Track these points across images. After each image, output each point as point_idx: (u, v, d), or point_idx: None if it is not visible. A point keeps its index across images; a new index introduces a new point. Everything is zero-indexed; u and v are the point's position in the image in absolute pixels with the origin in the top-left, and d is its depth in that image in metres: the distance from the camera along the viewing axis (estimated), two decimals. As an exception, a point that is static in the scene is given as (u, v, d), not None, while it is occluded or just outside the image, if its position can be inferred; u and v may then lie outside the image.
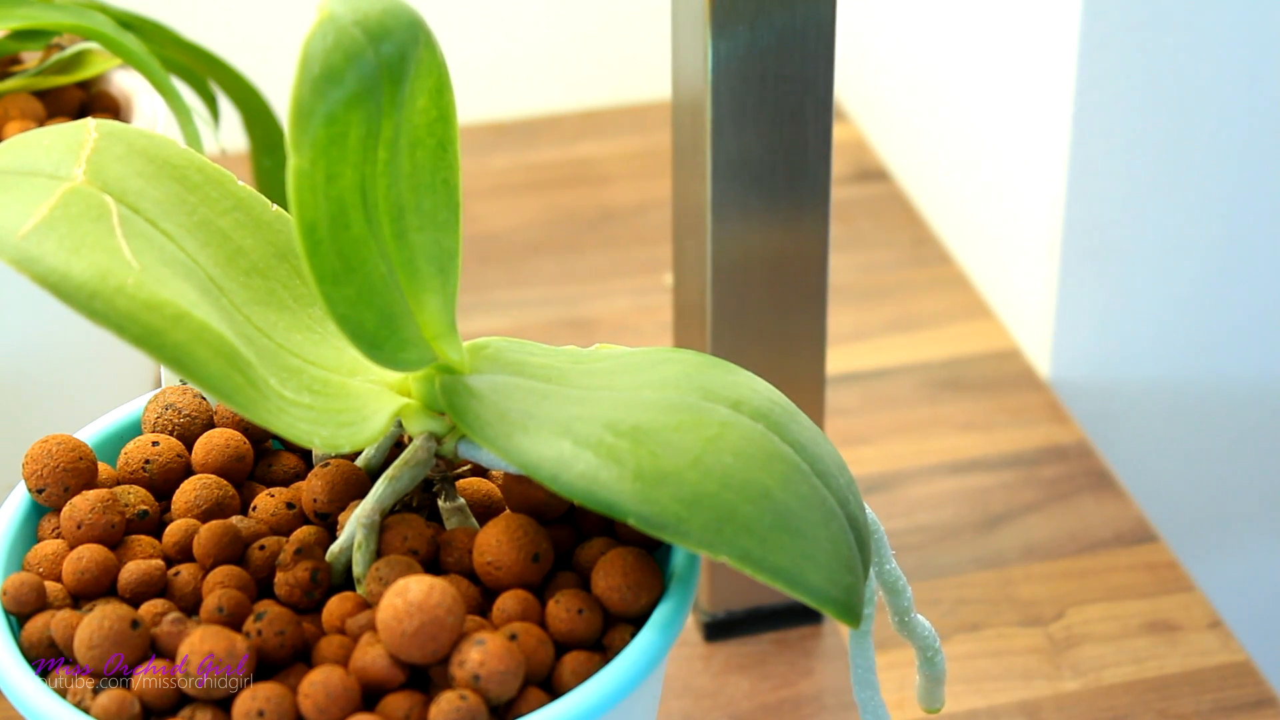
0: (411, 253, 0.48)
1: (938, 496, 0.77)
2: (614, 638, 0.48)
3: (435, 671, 0.46)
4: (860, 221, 0.94)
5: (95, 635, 0.46)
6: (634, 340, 0.86)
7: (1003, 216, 0.86)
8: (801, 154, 0.63)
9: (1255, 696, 0.68)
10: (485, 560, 0.48)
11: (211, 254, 0.50)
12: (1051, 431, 0.81)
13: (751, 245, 0.64)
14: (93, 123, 0.50)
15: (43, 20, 0.69)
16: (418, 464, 0.50)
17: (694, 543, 0.45)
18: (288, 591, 0.48)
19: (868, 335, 0.87)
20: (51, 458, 0.51)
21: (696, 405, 0.48)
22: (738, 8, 0.60)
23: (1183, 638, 0.71)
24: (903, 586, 0.52)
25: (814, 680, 0.69)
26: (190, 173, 0.51)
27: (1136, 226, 0.81)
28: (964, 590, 0.73)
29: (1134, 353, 0.84)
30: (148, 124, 0.71)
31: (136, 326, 0.44)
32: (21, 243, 0.45)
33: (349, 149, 0.45)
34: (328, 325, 0.51)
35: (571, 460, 0.46)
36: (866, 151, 1.00)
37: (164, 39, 0.75)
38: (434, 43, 0.48)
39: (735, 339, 0.65)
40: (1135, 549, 0.75)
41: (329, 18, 0.44)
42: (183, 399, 0.54)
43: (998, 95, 0.85)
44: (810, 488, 0.48)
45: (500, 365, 0.50)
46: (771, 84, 0.61)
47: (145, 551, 0.50)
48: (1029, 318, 0.85)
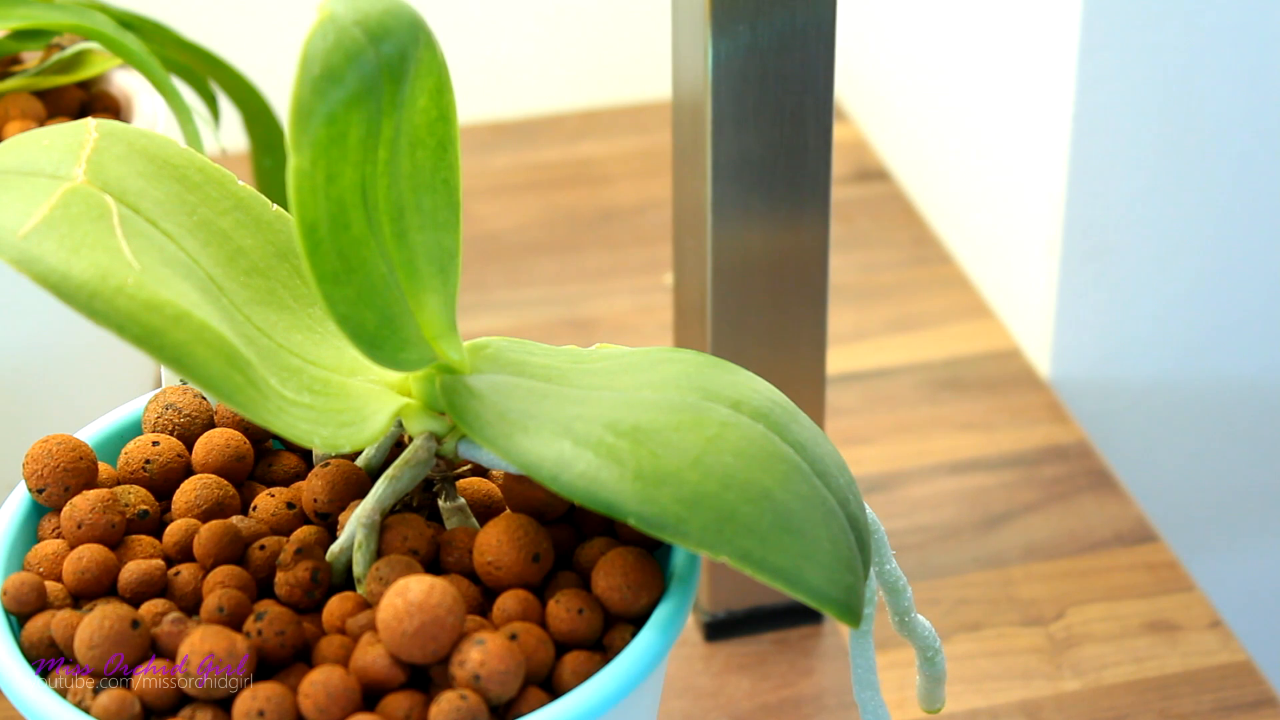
0: (412, 253, 0.48)
1: (938, 496, 0.77)
2: (614, 638, 0.48)
3: (435, 671, 0.46)
4: (860, 221, 0.94)
5: (95, 635, 0.46)
6: (634, 340, 0.86)
7: (1003, 216, 0.86)
8: (801, 154, 0.63)
9: (1255, 696, 0.68)
10: (485, 560, 0.48)
11: (212, 254, 0.50)
12: (1051, 431, 0.81)
13: (751, 245, 0.64)
14: (93, 122, 0.50)
15: (43, 20, 0.69)
16: (418, 464, 0.50)
17: (694, 543, 0.45)
18: (288, 591, 0.48)
19: (868, 335, 0.87)
20: (52, 458, 0.51)
21: (697, 405, 0.48)
22: (738, 8, 0.60)
23: (1183, 638, 0.71)
24: (903, 586, 0.52)
25: (814, 680, 0.69)
26: (190, 172, 0.51)
27: (1136, 226, 0.81)
28: (964, 590, 0.73)
29: (1134, 353, 0.84)
30: (148, 124, 0.71)
31: (137, 326, 0.44)
32: (22, 243, 0.45)
33: (349, 149, 0.45)
34: (328, 325, 0.51)
35: (572, 460, 0.46)
36: (866, 151, 1.00)
37: (164, 39, 0.75)
38: (434, 42, 0.48)
39: (735, 339, 0.65)
40: (1135, 549, 0.75)
41: (329, 17, 0.44)
42: (183, 399, 0.54)
43: (998, 95, 0.85)
44: (810, 488, 0.48)
45: (500, 365, 0.50)
46: (771, 84, 0.61)
47: (145, 551, 0.50)
48: (1029, 318, 0.85)
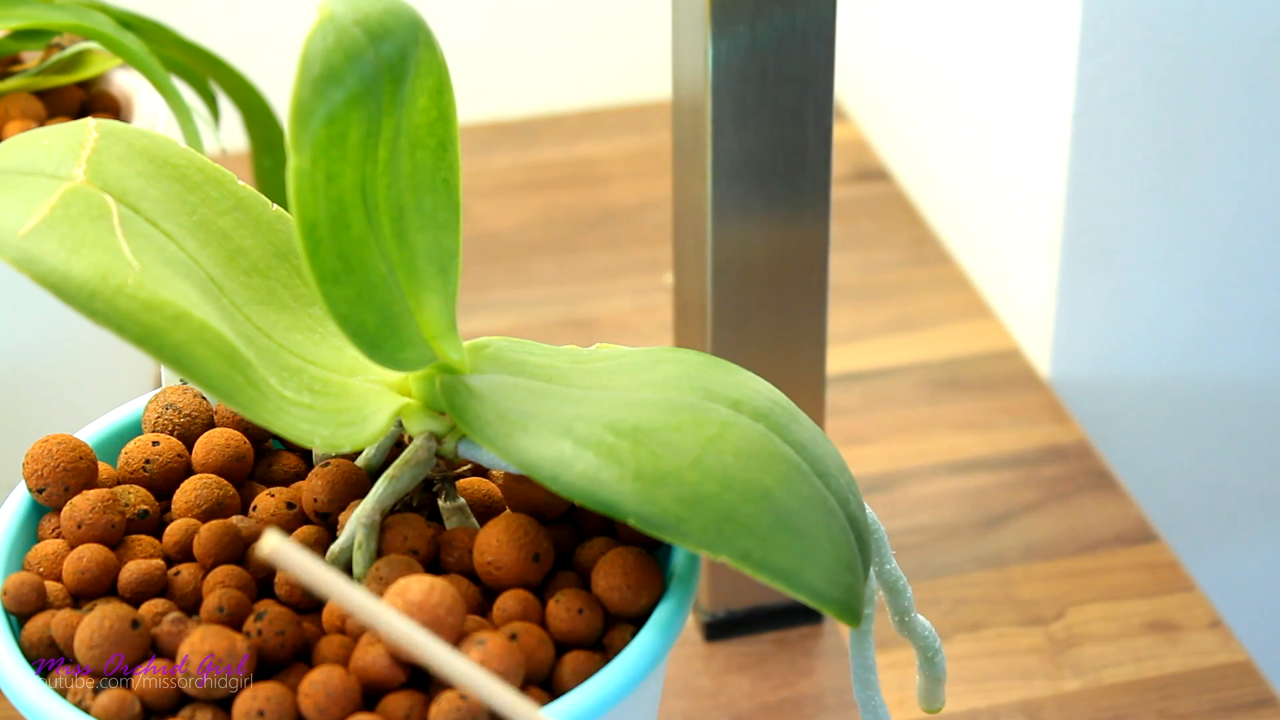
0: (412, 252, 0.48)
1: (938, 496, 0.77)
2: (614, 638, 0.48)
3: (436, 671, 0.46)
4: (860, 221, 0.94)
5: (95, 635, 0.46)
6: (634, 340, 0.86)
7: (1003, 216, 0.86)
8: (801, 154, 0.63)
9: (1255, 696, 0.68)
10: (485, 560, 0.48)
11: (212, 254, 0.50)
12: (1051, 431, 0.81)
13: (751, 245, 0.64)
14: (93, 122, 0.50)
15: (43, 20, 0.69)
16: (418, 464, 0.50)
17: (694, 543, 0.45)
18: (288, 591, 0.48)
19: (868, 335, 0.87)
20: (52, 457, 0.51)
21: (697, 405, 0.48)
22: (738, 8, 0.60)
23: (1183, 638, 0.71)
24: (903, 586, 0.52)
25: (814, 680, 0.69)
26: (190, 172, 0.51)
27: (1136, 226, 0.81)
28: (964, 590, 0.73)
29: (1134, 353, 0.84)
30: (148, 124, 0.71)
31: (137, 326, 0.44)
32: (22, 243, 0.45)
33: (349, 149, 0.45)
34: (328, 325, 0.51)
35: (572, 460, 0.46)
36: (866, 151, 1.00)
37: (164, 39, 0.75)
38: (434, 42, 0.48)
39: (735, 339, 0.65)
40: (1135, 549, 0.75)
41: (329, 17, 0.44)
42: (183, 399, 0.54)
43: (998, 95, 0.85)
44: (810, 488, 0.48)
45: (500, 365, 0.50)
46: (771, 84, 0.61)
47: (145, 551, 0.50)
48: (1029, 318, 0.85)
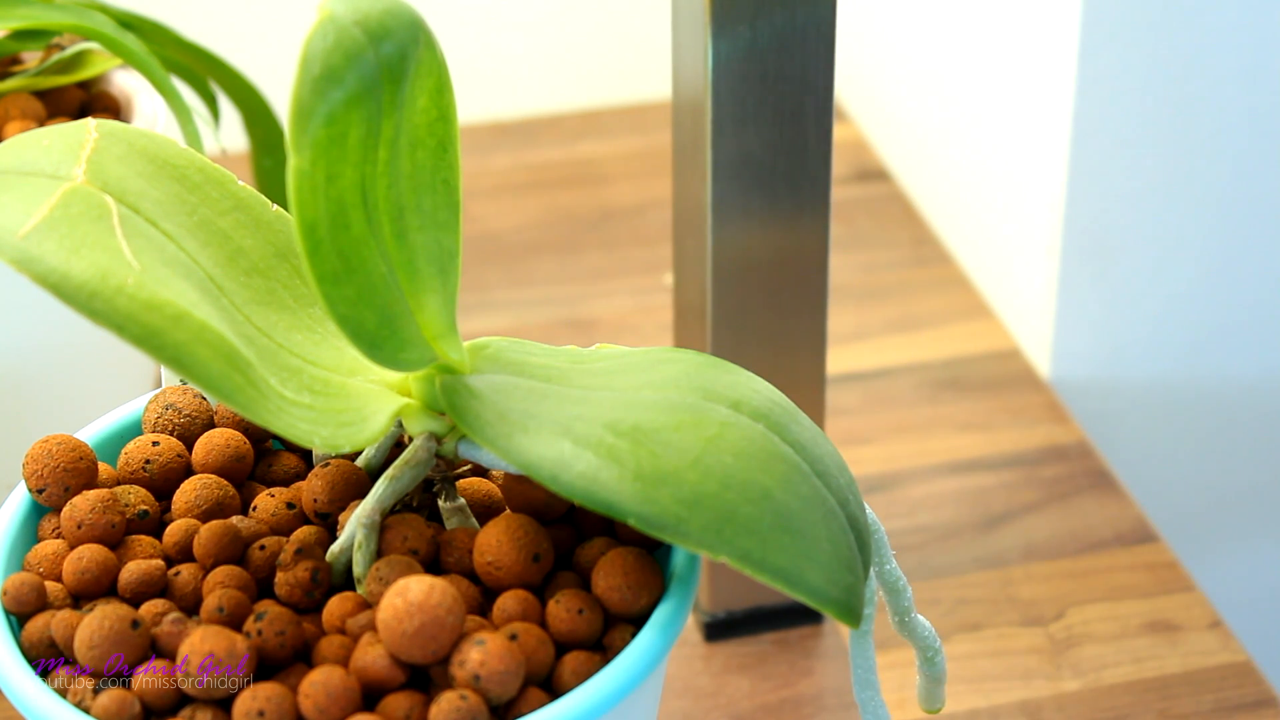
0: (412, 253, 0.48)
1: (938, 496, 0.77)
2: (614, 638, 0.48)
3: (435, 671, 0.46)
4: (860, 221, 0.94)
5: (95, 635, 0.46)
6: (634, 340, 0.86)
7: (1003, 216, 0.86)
8: (801, 154, 0.63)
9: (1255, 696, 0.68)
10: (485, 560, 0.48)
11: (212, 254, 0.50)
12: (1051, 431, 0.81)
13: (751, 245, 0.64)
14: (93, 123, 0.50)
15: (43, 20, 0.69)
16: (418, 464, 0.50)
17: (694, 543, 0.45)
18: (288, 591, 0.48)
19: (868, 335, 0.87)
20: (52, 458, 0.51)
21: (697, 405, 0.48)
22: (738, 8, 0.60)
23: (1183, 638, 0.71)
24: (903, 586, 0.52)
25: (814, 680, 0.69)
26: (190, 173, 0.51)
27: (1136, 226, 0.81)
28: (964, 590, 0.73)
29: (1134, 353, 0.84)
30: (148, 124, 0.71)
31: (136, 326, 0.44)
32: (22, 243, 0.45)
33: (349, 149, 0.45)
34: (328, 325, 0.51)
35: (572, 460, 0.46)
36: (866, 151, 1.00)
37: (164, 39, 0.75)
38: (434, 42, 0.48)
39: (735, 339, 0.65)
40: (1135, 549, 0.75)
41: (329, 18, 0.44)
42: (183, 399, 0.54)
43: (998, 95, 0.85)
44: (810, 488, 0.48)
45: (500, 365, 0.50)
46: (771, 84, 0.61)
47: (145, 551, 0.50)
48: (1029, 318, 0.85)
